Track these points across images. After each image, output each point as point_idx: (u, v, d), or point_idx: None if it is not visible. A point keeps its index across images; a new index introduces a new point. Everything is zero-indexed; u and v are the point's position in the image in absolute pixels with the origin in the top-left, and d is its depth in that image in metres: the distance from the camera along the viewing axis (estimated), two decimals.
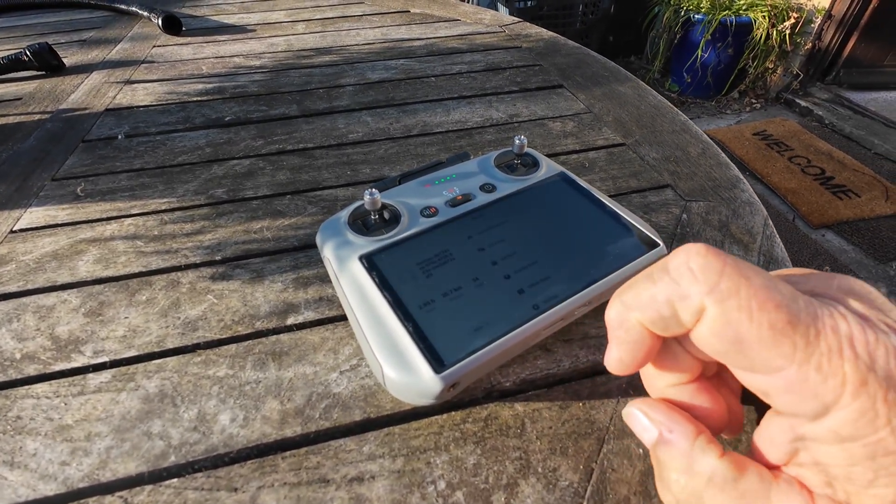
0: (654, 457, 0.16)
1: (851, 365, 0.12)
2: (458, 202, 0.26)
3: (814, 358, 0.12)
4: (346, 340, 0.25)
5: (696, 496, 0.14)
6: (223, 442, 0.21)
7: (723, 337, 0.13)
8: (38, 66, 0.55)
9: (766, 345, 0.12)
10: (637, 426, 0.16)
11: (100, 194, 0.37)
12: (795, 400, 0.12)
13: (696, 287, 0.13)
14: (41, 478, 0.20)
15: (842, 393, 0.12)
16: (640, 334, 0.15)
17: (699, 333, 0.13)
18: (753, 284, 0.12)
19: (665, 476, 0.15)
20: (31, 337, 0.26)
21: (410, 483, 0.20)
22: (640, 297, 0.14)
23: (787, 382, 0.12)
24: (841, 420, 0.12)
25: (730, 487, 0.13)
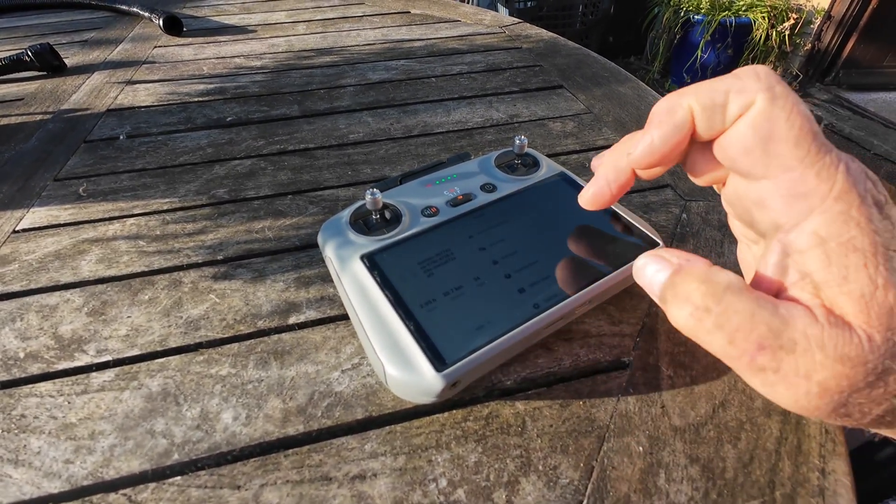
0: (667, 288, 0.16)
1: (842, 176, 0.14)
2: (459, 202, 0.26)
3: (816, 165, 0.14)
4: (348, 339, 0.26)
5: (714, 298, 0.15)
6: (226, 440, 0.21)
7: (759, 130, 0.15)
8: (39, 67, 0.56)
9: (789, 143, 0.14)
10: (648, 272, 0.17)
11: (102, 194, 0.37)
12: (789, 203, 0.15)
13: (756, 84, 0.15)
14: (45, 475, 0.20)
15: (827, 196, 0.14)
16: (684, 119, 0.16)
17: (736, 129, 0.15)
18: (797, 98, 0.15)
19: (680, 291, 0.15)
20: (34, 336, 0.26)
21: (412, 481, 0.20)
22: (701, 87, 0.16)
23: (789, 183, 0.15)
24: (822, 221, 0.14)
25: (744, 293, 0.15)
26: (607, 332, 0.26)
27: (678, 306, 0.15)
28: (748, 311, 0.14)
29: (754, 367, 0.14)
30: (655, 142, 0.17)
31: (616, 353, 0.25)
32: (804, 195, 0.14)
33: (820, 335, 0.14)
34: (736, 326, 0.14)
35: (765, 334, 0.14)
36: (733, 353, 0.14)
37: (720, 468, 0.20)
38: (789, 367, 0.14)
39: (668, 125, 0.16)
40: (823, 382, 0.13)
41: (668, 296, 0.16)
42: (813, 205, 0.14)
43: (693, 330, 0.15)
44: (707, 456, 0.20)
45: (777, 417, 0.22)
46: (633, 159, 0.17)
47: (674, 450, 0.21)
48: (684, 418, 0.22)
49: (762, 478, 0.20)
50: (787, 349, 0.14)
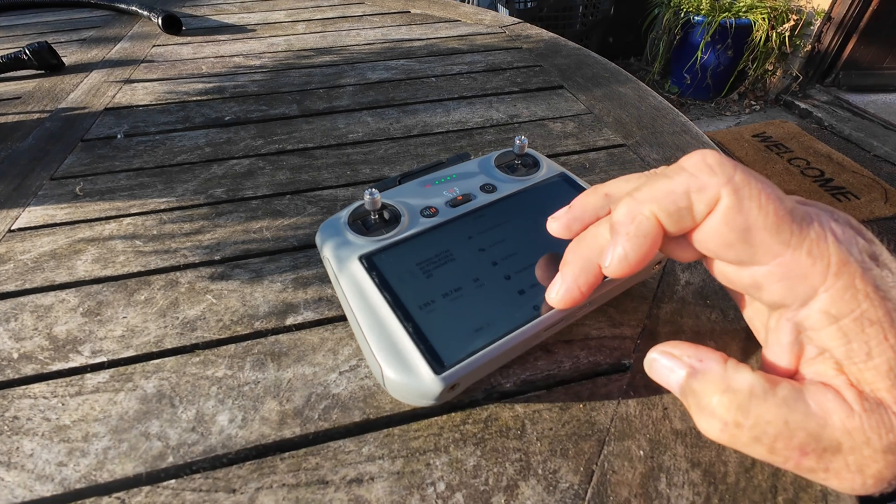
0: (687, 393, 0.15)
1: (834, 248, 0.14)
2: (459, 202, 0.26)
3: (805, 244, 0.14)
4: (346, 341, 0.25)
5: (742, 411, 0.14)
6: (221, 443, 0.21)
7: (733, 225, 0.14)
8: (37, 65, 0.55)
9: (770, 231, 0.14)
10: (662, 370, 0.16)
11: (98, 194, 0.37)
12: (788, 286, 0.14)
13: (715, 179, 0.14)
14: (38, 478, 0.20)
15: (827, 273, 0.14)
16: (651, 228, 0.15)
17: (709, 225, 0.15)
18: (759, 180, 0.14)
19: (705, 404, 0.15)
20: (28, 336, 0.26)
21: (410, 484, 0.20)
22: (656, 191, 0.15)
23: (782, 268, 0.14)
24: (829, 299, 0.14)
25: (770, 396, 0.14)
26: (608, 335, 0.25)
27: (706, 420, 0.15)
28: (781, 420, 0.13)
29: (802, 469, 0.14)
30: (630, 255, 0.16)
31: (616, 355, 0.24)
32: (802, 277, 0.14)
33: (861, 428, 0.13)
34: (773, 437, 0.13)
35: (805, 440, 0.13)
36: (777, 460, 0.14)
37: (722, 472, 0.20)
38: (839, 466, 0.13)
39: (636, 238, 0.16)
40: (877, 474, 0.13)
41: (692, 405, 0.15)
42: (815, 284, 0.14)
43: (728, 443, 0.14)
44: (708, 460, 0.20)
45: None
46: (610, 271, 0.17)
47: (675, 454, 0.20)
48: (685, 422, 0.22)
49: (764, 482, 0.19)
50: (831, 451, 0.13)
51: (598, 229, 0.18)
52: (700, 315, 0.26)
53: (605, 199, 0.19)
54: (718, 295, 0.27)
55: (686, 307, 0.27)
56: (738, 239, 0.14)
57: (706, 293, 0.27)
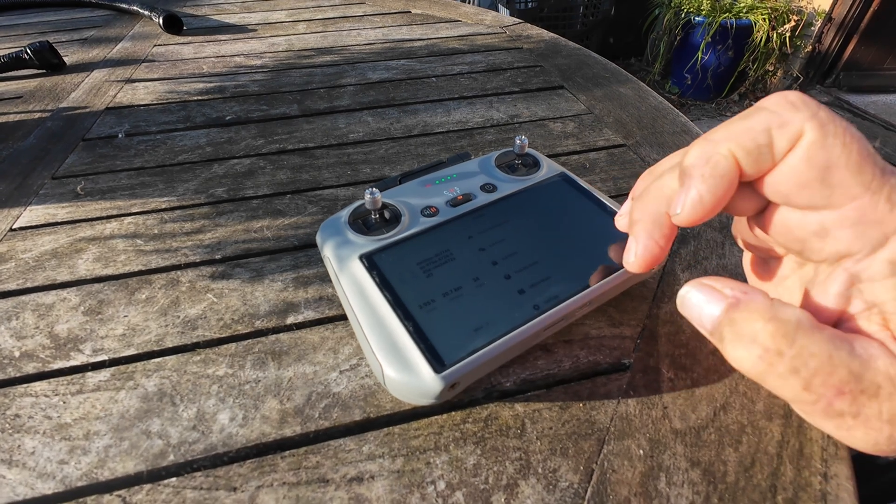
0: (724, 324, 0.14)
1: None
2: (459, 202, 0.26)
3: (885, 188, 0.13)
4: (346, 340, 0.25)
5: (787, 339, 0.13)
6: (222, 441, 0.21)
7: (815, 161, 0.14)
8: (38, 65, 0.55)
9: (852, 170, 0.13)
10: (696, 304, 0.15)
11: (100, 193, 0.37)
12: (860, 232, 0.14)
13: (799, 114, 0.14)
14: (39, 476, 0.20)
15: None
16: (729, 168, 0.15)
17: (788, 163, 0.14)
18: (847, 123, 0.14)
19: (745, 331, 0.14)
20: (30, 335, 0.26)
21: (410, 483, 0.20)
22: (735, 129, 0.15)
23: (859, 212, 0.14)
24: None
25: (817, 331, 0.13)
26: (607, 334, 0.25)
27: (743, 347, 0.14)
28: (825, 354, 0.13)
29: (831, 412, 0.13)
30: (706, 198, 0.15)
31: (616, 354, 0.25)
32: (877, 222, 0.13)
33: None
34: (813, 371, 0.13)
35: (845, 378, 0.13)
36: (807, 399, 0.13)
37: (721, 472, 0.20)
38: (871, 412, 0.13)
39: (713, 178, 0.15)
40: None
41: (728, 334, 0.14)
42: (888, 231, 0.13)
43: (762, 374, 0.14)
44: (708, 459, 0.20)
45: (778, 421, 0.21)
46: (682, 218, 0.16)
47: (674, 453, 0.20)
48: (685, 421, 0.22)
49: (764, 482, 0.19)
50: (869, 393, 0.13)
51: (663, 180, 0.17)
52: None
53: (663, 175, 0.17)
54: None
55: None
56: (816, 178, 0.14)
57: None
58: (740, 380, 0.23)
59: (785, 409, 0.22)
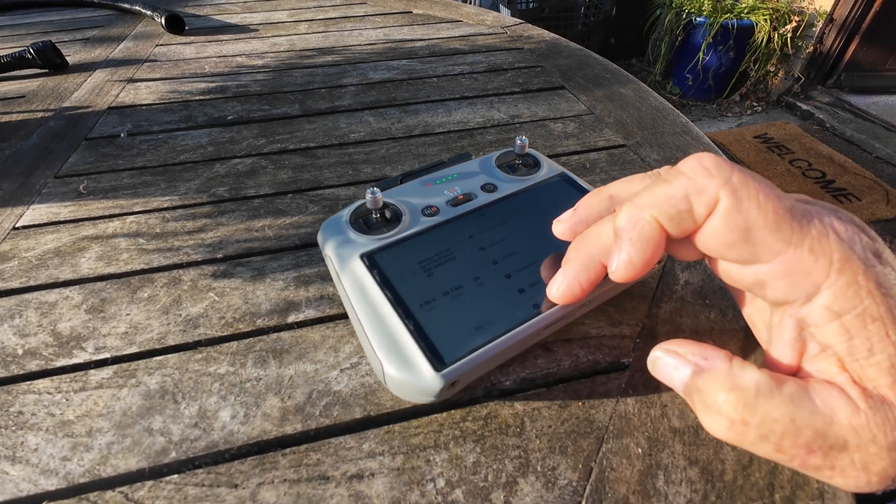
0: (692, 391, 0.15)
1: (836, 245, 0.14)
2: (460, 202, 0.26)
3: (806, 241, 0.14)
4: (347, 338, 0.26)
5: (749, 409, 0.14)
6: (224, 438, 0.21)
7: (733, 225, 0.14)
8: (41, 65, 0.56)
9: (770, 229, 0.14)
10: (665, 369, 0.16)
11: (102, 192, 0.37)
12: (791, 283, 0.14)
13: (713, 181, 0.15)
14: (42, 472, 0.20)
15: (829, 270, 0.14)
16: (654, 232, 0.16)
17: (710, 226, 0.15)
18: (757, 180, 0.15)
19: (711, 402, 0.15)
20: (33, 333, 0.26)
21: (410, 481, 0.20)
22: (656, 196, 0.16)
23: (785, 265, 0.14)
24: (832, 296, 0.14)
25: (777, 394, 0.14)
26: (607, 334, 0.26)
27: (712, 418, 0.15)
28: (788, 417, 0.13)
29: (807, 467, 0.14)
30: (635, 260, 0.16)
31: (616, 354, 0.25)
32: (805, 274, 0.14)
33: (867, 425, 0.13)
34: (780, 435, 0.13)
35: (812, 438, 0.13)
36: (783, 459, 0.14)
37: (719, 470, 0.20)
38: (845, 463, 0.13)
39: (640, 242, 0.16)
40: (882, 471, 0.13)
41: (697, 403, 0.15)
42: (817, 281, 0.14)
43: (735, 442, 0.14)
44: (706, 458, 0.20)
45: None
46: (617, 277, 0.17)
47: (673, 451, 0.21)
48: (684, 420, 0.22)
49: (761, 480, 0.20)
50: (837, 448, 0.13)
51: (601, 227, 0.18)
52: (699, 315, 0.26)
53: (608, 200, 0.19)
54: (717, 294, 0.27)
55: (685, 307, 0.27)
56: (739, 239, 0.15)
57: (705, 293, 0.28)
58: None
59: None
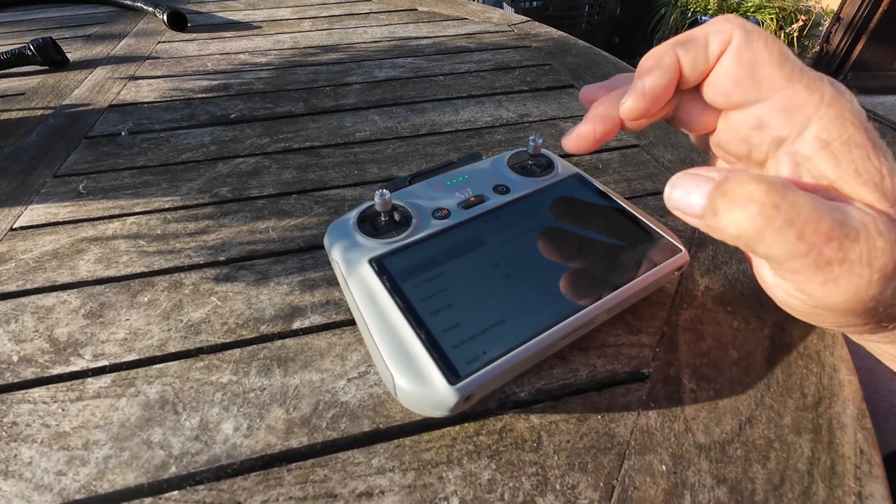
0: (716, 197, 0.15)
1: (828, 86, 0.16)
2: (472, 204, 0.25)
3: (804, 79, 0.16)
4: (355, 346, 0.25)
5: (779, 193, 0.14)
6: (226, 452, 0.20)
7: (743, 59, 0.16)
8: (41, 62, 0.55)
9: (774, 65, 0.16)
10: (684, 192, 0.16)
11: (102, 192, 0.36)
12: (787, 117, 0.16)
13: (729, 24, 0.17)
14: (36, 488, 0.19)
15: (820, 104, 0.16)
16: (671, 62, 0.18)
17: (722, 65, 0.17)
18: (770, 34, 0.17)
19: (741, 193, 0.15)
20: (29, 339, 0.25)
21: (422, 499, 0.19)
22: (679, 36, 0.18)
23: (784, 100, 0.16)
24: (821, 125, 0.16)
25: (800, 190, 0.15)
26: (625, 342, 0.25)
27: (739, 209, 0.15)
28: (812, 205, 0.14)
29: (821, 260, 0.14)
30: (647, 88, 0.18)
31: (635, 363, 0.24)
32: (800, 107, 0.16)
33: (874, 221, 0.14)
34: (805, 220, 0.14)
35: (831, 225, 0.14)
36: (802, 250, 0.14)
37: (749, 490, 0.19)
38: (854, 256, 0.14)
39: (658, 69, 0.18)
40: (883, 268, 0.14)
41: (721, 204, 0.15)
42: (809, 113, 0.16)
43: (760, 230, 0.14)
44: (735, 476, 0.19)
45: (808, 436, 0.20)
46: (625, 108, 0.18)
47: (699, 469, 0.20)
48: (709, 435, 0.21)
49: (795, 501, 0.18)
50: (851, 238, 0.14)
51: (624, 90, 0.19)
52: (721, 322, 0.25)
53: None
54: (740, 301, 0.26)
55: (706, 313, 0.26)
56: (746, 74, 0.16)
57: (727, 299, 0.26)
58: (766, 392, 0.22)
59: (814, 423, 0.21)
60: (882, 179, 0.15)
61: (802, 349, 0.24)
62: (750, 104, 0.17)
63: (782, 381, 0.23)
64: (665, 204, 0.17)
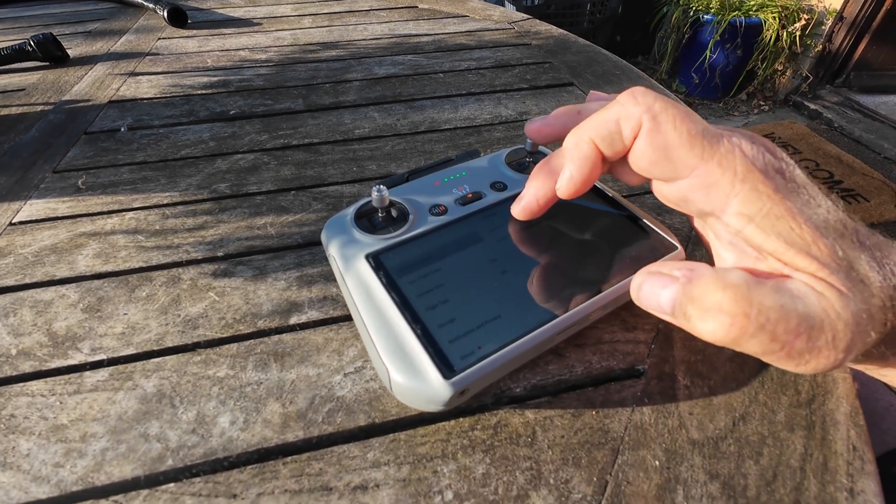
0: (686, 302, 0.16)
1: (741, 159, 0.16)
2: (469, 200, 0.25)
3: (716, 156, 0.16)
4: (351, 341, 0.25)
5: (746, 300, 0.15)
6: (222, 445, 0.20)
7: (654, 144, 0.17)
8: (41, 57, 0.55)
9: (685, 147, 0.16)
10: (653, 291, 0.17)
11: (101, 187, 0.36)
12: (706, 194, 0.17)
13: (637, 108, 0.17)
14: (34, 479, 0.19)
15: (734, 180, 0.16)
16: (590, 152, 0.18)
17: (637, 147, 0.18)
18: (677, 108, 0.17)
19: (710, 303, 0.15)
20: (27, 332, 0.25)
21: (416, 493, 0.19)
22: (593, 122, 0.18)
23: (700, 178, 0.17)
24: (740, 202, 0.16)
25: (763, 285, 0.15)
26: (621, 339, 0.25)
27: (712, 319, 0.15)
28: (778, 304, 0.15)
29: (793, 353, 0.15)
30: (575, 176, 0.19)
31: (630, 360, 0.24)
32: (715, 184, 0.16)
33: (832, 305, 0.15)
34: (775, 322, 0.14)
35: (798, 321, 0.14)
36: (775, 348, 0.15)
37: (742, 485, 0.19)
38: (822, 343, 0.14)
39: (579, 160, 0.19)
40: (848, 345, 0.14)
41: (693, 311, 0.15)
42: (726, 191, 0.16)
43: (736, 338, 0.15)
44: (727, 472, 0.19)
45: (801, 433, 0.21)
46: (561, 192, 0.19)
47: (692, 465, 0.20)
48: (703, 431, 0.21)
49: (786, 497, 0.19)
50: (817, 329, 0.14)
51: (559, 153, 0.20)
52: None
53: (577, 115, 0.21)
54: None
55: None
56: (660, 157, 0.17)
57: None
58: (760, 389, 0.22)
59: (807, 420, 0.21)
60: (809, 246, 0.15)
61: None
62: (672, 180, 0.18)
63: (776, 378, 0.23)
64: (633, 300, 0.18)
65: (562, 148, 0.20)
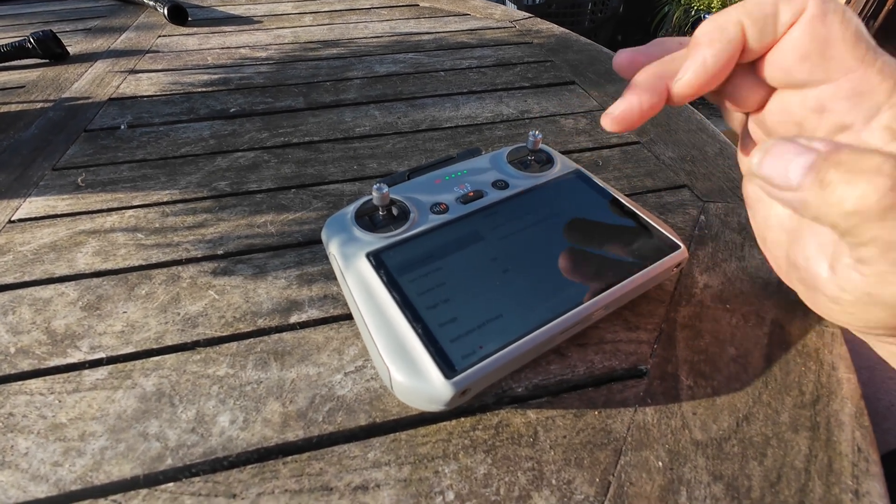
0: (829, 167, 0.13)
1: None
2: (470, 199, 0.25)
3: (878, 62, 0.14)
4: (352, 340, 0.25)
5: None
6: (222, 445, 0.20)
7: (816, 34, 0.15)
8: (41, 55, 0.55)
9: (848, 44, 0.14)
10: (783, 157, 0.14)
11: (101, 185, 0.36)
12: (854, 103, 0.15)
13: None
14: (32, 478, 0.19)
15: (893, 91, 0.14)
16: (736, 33, 0.16)
17: (790, 37, 0.15)
18: (846, 5, 0.15)
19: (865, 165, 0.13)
20: (26, 330, 0.25)
21: (417, 493, 0.19)
22: (745, 3, 0.16)
23: (852, 83, 0.15)
24: (892, 115, 0.14)
25: None
26: (623, 339, 0.24)
27: (865, 182, 0.13)
28: None
29: None
30: (709, 62, 0.16)
31: (632, 360, 0.24)
32: (869, 92, 0.14)
33: None
34: None
35: None
36: None
37: (746, 487, 0.19)
38: None
39: (720, 42, 0.16)
40: None
41: (835, 176, 0.13)
42: (879, 100, 0.14)
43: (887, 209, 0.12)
44: (731, 473, 0.19)
45: (805, 434, 0.20)
46: (683, 83, 0.16)
47: (695, 466, 0.19)
48: (706, 432, 0.21)
49: (791, 498, 0.18)
50: None
51: (674, 58, 0.18)
52: (720, 319, 0.25)
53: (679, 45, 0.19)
54: (739, 299, 0.26)
55: (705, 310, 0.26)
56: (816, 50, 0.15)
57: (726, 297, 0.26)
58: (763, 389, 0.22)
59: (812, 421, 0.21)
60: None
61: (801, 347, 0.24)
62: (813, 85, 0.15)
63: (780, 379, 0.22)
64: (753, 170, 0.15)
65: (693, 37, 0.17)
